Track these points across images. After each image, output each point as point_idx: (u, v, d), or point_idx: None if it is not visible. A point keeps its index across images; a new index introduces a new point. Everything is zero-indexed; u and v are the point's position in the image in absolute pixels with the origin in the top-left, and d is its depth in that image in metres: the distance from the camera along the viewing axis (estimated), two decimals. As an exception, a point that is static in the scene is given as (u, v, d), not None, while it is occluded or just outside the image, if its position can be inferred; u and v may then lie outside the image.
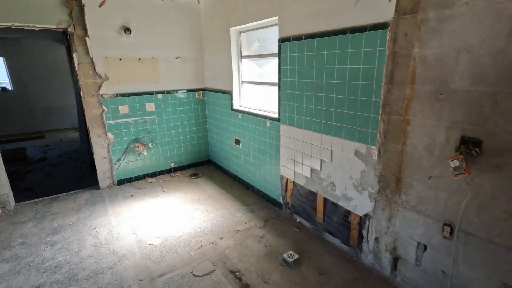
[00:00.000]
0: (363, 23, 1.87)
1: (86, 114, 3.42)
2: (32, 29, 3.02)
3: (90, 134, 3.49)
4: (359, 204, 2.15)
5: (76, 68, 3.27)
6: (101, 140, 3.57)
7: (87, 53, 3.26)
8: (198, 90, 4.18)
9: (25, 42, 7.23)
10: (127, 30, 3.41)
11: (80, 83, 3.32)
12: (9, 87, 7.47)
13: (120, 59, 3.48)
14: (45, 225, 2.86)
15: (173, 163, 4.16)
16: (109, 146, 3.61)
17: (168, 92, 3.91)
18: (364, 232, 2.16)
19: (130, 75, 3.59)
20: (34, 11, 2.93)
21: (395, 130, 1.82)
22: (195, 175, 4.08)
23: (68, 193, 3.59)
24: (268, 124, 2.99)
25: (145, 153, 3.80)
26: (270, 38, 2.98)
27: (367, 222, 2.13)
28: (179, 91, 4.00)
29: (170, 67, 3.86)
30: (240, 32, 3.39)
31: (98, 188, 3.69)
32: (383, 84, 1.82)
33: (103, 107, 3.47)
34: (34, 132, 7.62)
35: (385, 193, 1.95)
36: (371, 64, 1.87)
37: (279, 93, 2.74)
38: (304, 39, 2.34)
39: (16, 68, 7.27)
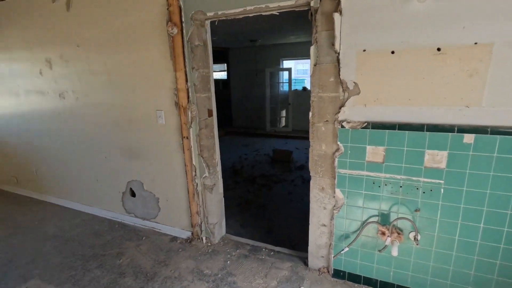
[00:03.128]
0: None
1: (311, 149, 2.02)
2: (273, 14, 1.99)
3: (311, 181, 2.08)
4: None
5: (311, 72, 1.89)
6: (324, 196, 2.05)
7: (332, 44, 1.75)
8: None
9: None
10: (425, -19, 1.44)
11: (312, 98, 1.93)
12: (308, 87, 8.01)
13: (393, 52, 1.63)
14: (207, 306, 1.95)
15: (459, 293, 1.77)
16: (334, 211, 2.02)
17: (496, 130, 1.50)
18: None
19: (406, 87, 1.64)
20: (270, -18, 1.84)
21: None
22: None
23: (273, 249, 2.53)
24: None
25: (395, 252, 1.79)
26: None
27: None
28: (535, 132, 1.44)
29: (526, 66, 1.40)
30: None
31: (305, 264, 2.29)
32: None
33: (339, 143, 1.88)
34: (316, 131, 7.79)
35: None
36: None
37: None
38: None
39: (316, 69, 7.55)
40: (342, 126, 1.84)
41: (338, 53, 1.74)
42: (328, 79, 1.83)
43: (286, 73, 7.94)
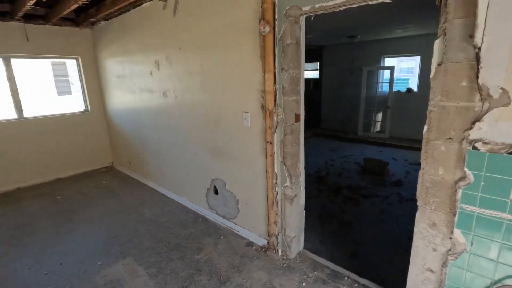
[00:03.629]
0: None
1: (421, 172, 1.58)
2: (382, 2, 1.64)
3: (418, 213, 1.64)
4: None
5: (432, 74, 1.46)
6: (435, 234, 1.58)
7: (470, 36, 1.28)
8: None
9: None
10: None
11: (430, 107, 1.48)
12: (415, 88, 6.87)
13: None
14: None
15: None
16: (449, 257, 1.53)
17: None
18: None
19: None
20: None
21: None
22: None
23: (357, 280, 2.16)
24: None
25: None
26: None
27: None
28: None
29: None
30: None
31: (400, 311, 1.85)
32: None
33: (466, 170, 1.39)
34: (420, 140, 6.63)
35: None
36: None
37: None
38: None
39: (427, 68, 6.37)
40: (475, 148, 1.35)
41: (479, 48, 1.26)
42: (457, 83, 1.37)
43: (387, 72, 7.03)
